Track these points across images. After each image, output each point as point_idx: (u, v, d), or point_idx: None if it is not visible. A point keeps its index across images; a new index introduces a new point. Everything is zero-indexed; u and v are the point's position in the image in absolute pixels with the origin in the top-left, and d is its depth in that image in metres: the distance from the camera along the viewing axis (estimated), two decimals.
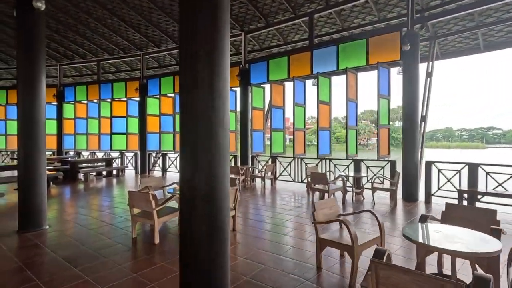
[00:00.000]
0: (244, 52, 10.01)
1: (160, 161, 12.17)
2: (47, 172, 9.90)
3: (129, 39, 11.50)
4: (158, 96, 12.07)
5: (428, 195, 6.55)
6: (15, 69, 14.12)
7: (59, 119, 13.66)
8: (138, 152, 12.49)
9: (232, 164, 10.38)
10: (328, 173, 7.31)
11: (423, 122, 7.45)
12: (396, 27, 7.39)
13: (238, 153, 10.39)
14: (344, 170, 8.05)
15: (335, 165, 8.29)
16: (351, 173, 7.39)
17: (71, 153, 13.95)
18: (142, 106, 12.25)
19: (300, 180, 8.88)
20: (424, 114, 7.57)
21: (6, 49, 12.99)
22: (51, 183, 8.76)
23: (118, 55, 12.72)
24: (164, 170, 11.91)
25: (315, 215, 3.31)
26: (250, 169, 9.19)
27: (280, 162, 9.52)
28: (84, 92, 13.45)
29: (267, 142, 9.64)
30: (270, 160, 9.46)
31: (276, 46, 10.70)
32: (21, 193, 4.58)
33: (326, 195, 7.09)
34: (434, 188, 6.60)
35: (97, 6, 9.49)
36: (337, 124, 72.02)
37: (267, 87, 9.78)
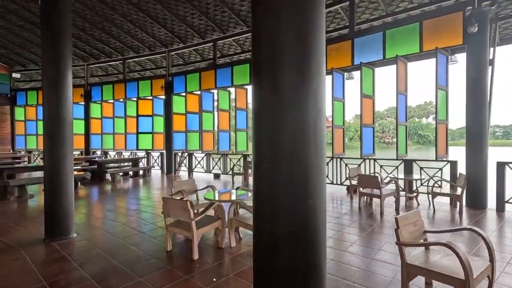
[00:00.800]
0: None
1: (186, 161, 11.78)
2: (75, 172, 9.78)
3: (155, 35, 11.16)
4: (184, 93, 11.68)
5: (502, 202, 5.55)
6: (80, 66, 14.26)
7: (87, 118, 13.67)
8: (164, 151, 12.19)
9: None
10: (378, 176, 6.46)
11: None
12: (458, 6, 6.38)
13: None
14: (391, 172, 7.17)
15: (381, 166, 7.42)
16: (400, 175, 6.53)
17: (98, 152, 13.95)
18: (168, 104, 11.91)
19: (339, 182, 8.09)
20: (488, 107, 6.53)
21: (36, 50, 13.14)
22: (79, 183, 8.55)
23: (144, 52, 12.46)
24: (190, 170, 11.51)
25: (399, 234, 2.58)
26: None
27: None
28: (111, 91, 13.36)
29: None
30: None
31: None
32: (47, 198, 4.19)
33: (375, 200, 6.29)
34: (508, 193, 5.60)
35: (123, 1, 9.18)
36: (378, 118, 67.69)
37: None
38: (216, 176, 10.73)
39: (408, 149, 7.71)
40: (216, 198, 4.07)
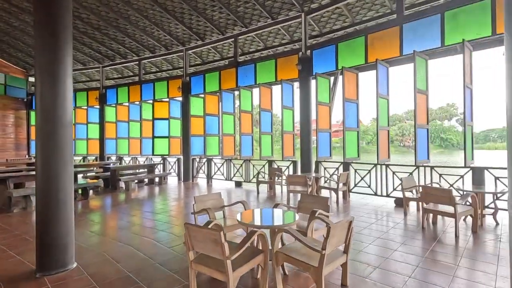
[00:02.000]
0: (305, 38, 8.31)
1: (204, 167, 10.88)
2: (88, 180, 9.07)
3: (171, 33, 10.40)
4: (202, 94, 10.84)
5: None
6: (95, 69, 14.12)
7: (101, 122, 13.10)
8: (181, 157, 11.36)
9: (291, 172, 8.70)
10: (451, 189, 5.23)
11: None
12: None
13: (298, 159, 8.67)
14: (455, 183, 5.92)
15: (440, 175, 6.17)
16: (466, 186, 5.29)
17: (113, 158, 13.32)
18: (185, 106, 11.09)
19: (385, 194, 6.89)
20: None
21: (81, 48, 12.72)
22: (90, 192, 7.79)
23: (160, 52, 11.76)
24: (209, 177, 10.59)
25: None
26: (317, 178, 7.41)
27: (355, 170, 7.62)
28: (126, 94, 12.73)
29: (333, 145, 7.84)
30: (342, 167, 7.61)
31: (345, 27, 8.84)
32: (39, 220, 3.30)
33: (447, 219, 5.09)
34: None
35: None
36: (397, 121, 64.20)
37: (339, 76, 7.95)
38: (238, 184, 9.75)
39: (430, 154, 6.50)
40: (256, 222, 3.06)
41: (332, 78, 8.53)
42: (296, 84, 8.87)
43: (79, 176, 9.77)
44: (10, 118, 14.06)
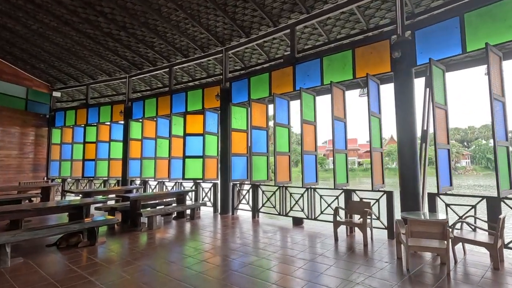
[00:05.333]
0: None
1: (249, 196, 8.38)
2: (106, 215, 6.90)
3: (210, 28, 8.43)
4: (246, 102, 8.60)
5: None
6: (121, 79, 11.88)
7: (125, 140, 11.25)
8: (218, 182, 9.00)
9: (382, 208, 5.94)
10: None
11: None
12: None
13: (390, 187, 5.93)
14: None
15: None
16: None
17: (137, 182, 11.30)
18: (224, 118, 8.88)
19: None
20: None
21: (75, 61, 11.34)
22: (97, 236, 5.51)
23: (194, 55, 9.85)
24: (255, 209, 8.03)
25: None
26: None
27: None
28: (154, 106, 10.88)
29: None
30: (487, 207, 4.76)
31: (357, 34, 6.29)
32: None
33: None
34: None
35: None
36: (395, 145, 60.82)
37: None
38: (297, 222, 7.09)
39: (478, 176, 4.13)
40: None
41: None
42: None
43: (92, 207, 7.72)
44: (29, 136, 12.71)
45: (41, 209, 5.28)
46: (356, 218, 6.06)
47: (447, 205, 5.17)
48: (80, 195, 8.05)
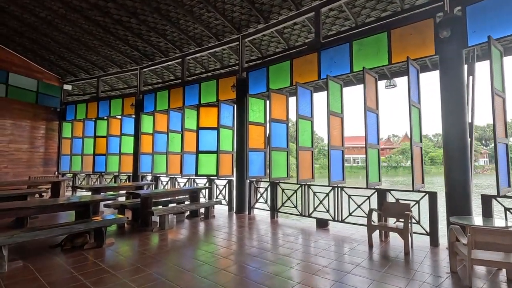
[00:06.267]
0: None
1: (267, 194, 7.76)
2: (116, 214, 6.37)
3: (226, 14, 7.80)
4: (264, 93, 7.96)
5: None
6: (132, 71, 10.96)
7: (137, 134, 10.80)
8: (234, 179, 8.43)
9: (422, 210, 5.22)
10: None
11: None
12: None
13: (431, 187, 5.18)
14: None
15: None
16: None
17: (149, 177, 10.87)
18: (240, 110, 8.26)
19: None
20: None
21: (85, 52, 10.94)
22: (105, 236, 5.01)
23: (208, 44, 9.24)
24: (274, 209, 7.40)
25: None
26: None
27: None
28: (166, 99, 10.37)
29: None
30: None
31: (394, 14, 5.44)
32: None
33: None
34: None
35: None
36: (427, 141, 59.66)
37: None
38: (321, 224, 6.43)
39: None
40: None
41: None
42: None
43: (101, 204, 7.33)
44: (40, 129, 12.45)
45: (43, 207, 4.81)
46: (391, 221, 5.37)
47: (506, 209, 4.41)
48: (90, 191, 7.61)
